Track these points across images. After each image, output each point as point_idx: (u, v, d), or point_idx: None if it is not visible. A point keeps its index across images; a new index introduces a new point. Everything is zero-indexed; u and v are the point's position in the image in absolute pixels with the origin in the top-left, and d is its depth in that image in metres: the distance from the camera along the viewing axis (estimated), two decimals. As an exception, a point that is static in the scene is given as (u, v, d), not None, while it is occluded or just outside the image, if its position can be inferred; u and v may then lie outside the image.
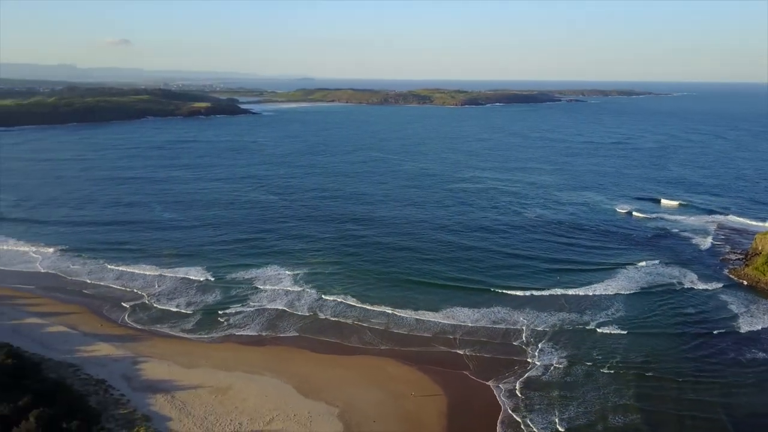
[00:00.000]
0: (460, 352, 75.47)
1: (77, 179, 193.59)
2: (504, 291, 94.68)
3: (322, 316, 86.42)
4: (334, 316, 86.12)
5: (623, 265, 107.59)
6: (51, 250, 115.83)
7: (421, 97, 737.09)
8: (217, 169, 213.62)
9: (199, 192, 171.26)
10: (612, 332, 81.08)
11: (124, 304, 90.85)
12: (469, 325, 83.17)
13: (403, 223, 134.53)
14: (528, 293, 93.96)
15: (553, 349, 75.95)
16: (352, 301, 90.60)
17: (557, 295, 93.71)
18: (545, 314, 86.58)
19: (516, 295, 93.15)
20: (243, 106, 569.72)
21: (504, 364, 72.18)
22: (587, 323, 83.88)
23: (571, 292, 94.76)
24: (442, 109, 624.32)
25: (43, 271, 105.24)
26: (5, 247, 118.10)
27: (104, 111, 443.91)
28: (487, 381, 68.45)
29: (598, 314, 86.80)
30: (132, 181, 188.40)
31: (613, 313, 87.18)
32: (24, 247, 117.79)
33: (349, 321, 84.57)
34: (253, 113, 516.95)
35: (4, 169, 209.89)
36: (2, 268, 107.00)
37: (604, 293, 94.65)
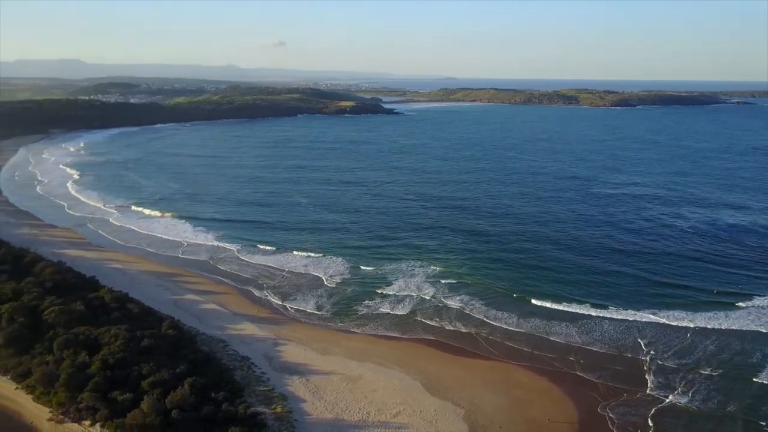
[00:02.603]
0: (585, 376, 70.79)
1: (232, 174, 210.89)
2: (642, 319, 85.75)
3: (449, 320, 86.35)
4: (461, 322, 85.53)
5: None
6: (209, 236, 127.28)
7: (567, 97, 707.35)
8: (359, 171, 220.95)
9: (344, 194, 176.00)
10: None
11: (268, 291, 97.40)
12: (599, 350, 77.11)
13: (539, 238, 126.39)
14: (672, 323, 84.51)
15: (692, 390, 67.34)
16: (479, 310, 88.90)
17: (707, 329, 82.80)
18: (690, 350, 77.05)
19: (656, 324, 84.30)
20: (386, 106, 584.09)
21: (633, 395, 66.44)
22: (742, 367, 72.84)
23: (724, 325, 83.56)
24: (589, 111, 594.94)
25: (201, 257, 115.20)
26: (171, 237, 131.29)
27: (260, 108, 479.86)
28: (611, 409, 63.78)
29: (755, 357, 74.88)
30: (282, 181, 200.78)
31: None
32: (186, 234, 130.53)
33: (476, 329, 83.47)
34: (395, 113, 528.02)
35: (175, 163, 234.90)
36: (166, 251, 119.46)
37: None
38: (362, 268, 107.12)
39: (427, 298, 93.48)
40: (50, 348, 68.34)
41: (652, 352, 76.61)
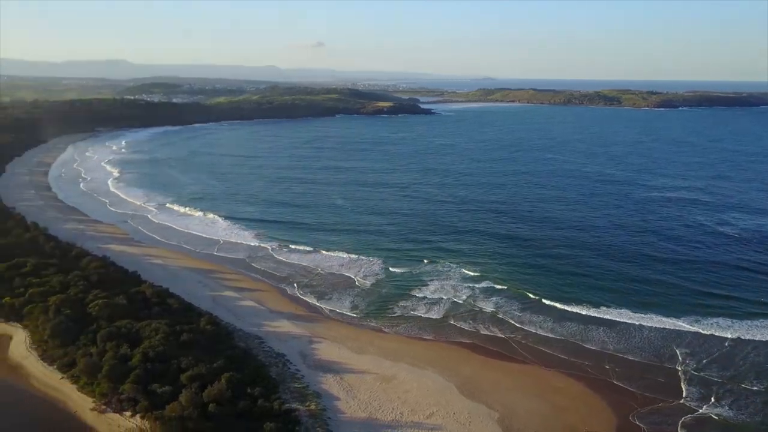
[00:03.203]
0: (620, 384, 69.42)
1: (269, 174, 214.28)
2: (682, 328, 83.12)
3: (483, 323, 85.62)
4: (495, 326, 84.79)
5: None
6: (246, 234, 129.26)
7: (608, 98, 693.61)
8: (394, 172, 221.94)
9: (379, 195, 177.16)
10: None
11: (304, 289, 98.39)
12: (636, 359, 75.15)
13: (576, 243, 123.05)
14: (713, 333, 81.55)
15: (729, 402, 65.09)
16: (513, 315, 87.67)
17: (752, 340, 79.45)
18: (731, 361, 74.22)
19: (696, 334, 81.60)
20: (423, 106, 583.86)
21: (667, 405, 65.05)
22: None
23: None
24: (631, 112, 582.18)
25: (238, 255, 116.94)
26: (208, 235, 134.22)
27: (299, 108, 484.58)
28: (643, 417, 62.52)
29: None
30: (317, 181, 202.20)
31: None
32: (223, 232, 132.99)
33: (510, 333, 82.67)
34: (433, 113, 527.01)
35: (213, 162, 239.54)
36: (204, 249, 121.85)
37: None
38: (397, 269, 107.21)
39: (461, 301, 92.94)
40: (94, 340, 70.67)
41: (690, 362, 74.65)
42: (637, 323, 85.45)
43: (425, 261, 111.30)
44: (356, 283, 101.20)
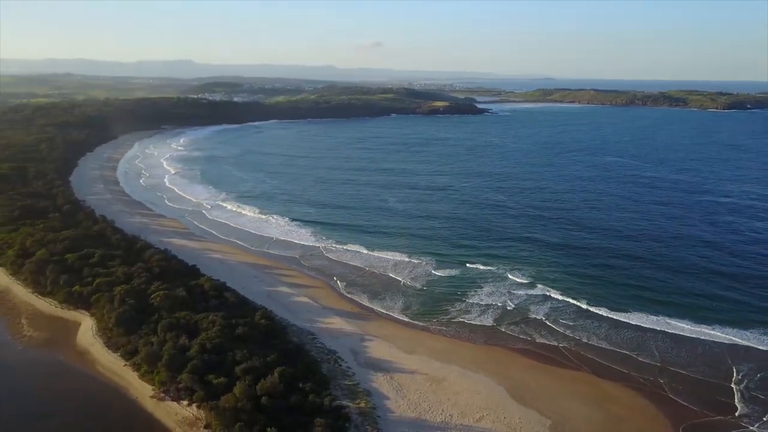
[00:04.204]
0: (674, 397, 67.22)
1: (322, 174, 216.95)
2: (742, 343, 79.56)
3: (535, 329, 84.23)
4: (547, 333, 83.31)
5: None
6: (300, 233, 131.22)
7: (673, 98, 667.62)
8: (447, 175, 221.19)
9: (430, 198, 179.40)
10: None
11: (356, 288, 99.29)
12: (691, 373, 72.48)
13: (633, 253, 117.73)
14: None
15: None
16: (565, 324, 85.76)
17: None
18: None
19: (758, 350, 78.02)
20: (480, 106, 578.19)
21: (718, 420, 62.99)
22: None
23: None
24: (697, 113, 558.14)
25: (292, 252, 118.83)
26: (263, 233, 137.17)
27: (355, 108, 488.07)
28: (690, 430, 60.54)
29: None
30: (370, 183, 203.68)
31: None
32: (277, 230, 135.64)
33: (562, 341, 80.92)
34: (489, 113, 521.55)
35: (269, 161, 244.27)
36: (260, 246, 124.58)
37: None
38: (448, 272, 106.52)
39: (513, 307, 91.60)
40: (155, 329, 73.46)
41: (747, 378, 71.47)
42: (694, 337, 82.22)
43: (476, 265, 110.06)
44: (407, 284, 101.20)
